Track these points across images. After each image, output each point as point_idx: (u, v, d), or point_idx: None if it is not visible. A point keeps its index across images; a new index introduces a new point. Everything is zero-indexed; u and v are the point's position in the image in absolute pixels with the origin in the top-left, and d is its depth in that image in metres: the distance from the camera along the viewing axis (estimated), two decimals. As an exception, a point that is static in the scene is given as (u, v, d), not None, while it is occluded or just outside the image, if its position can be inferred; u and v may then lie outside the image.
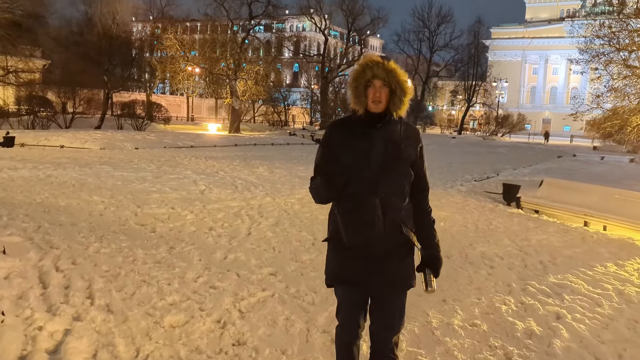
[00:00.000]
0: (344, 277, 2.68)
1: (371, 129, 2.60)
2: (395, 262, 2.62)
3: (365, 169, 2.56)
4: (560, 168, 19.29)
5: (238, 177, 13.29)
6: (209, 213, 8.41)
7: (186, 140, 25.19)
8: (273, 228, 7.59)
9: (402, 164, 2.63)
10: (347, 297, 2.75)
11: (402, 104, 2.60)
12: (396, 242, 2.61)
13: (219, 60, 41.82)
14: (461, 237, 7.86)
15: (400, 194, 2.63)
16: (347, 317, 2.78)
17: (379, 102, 2.56)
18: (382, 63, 2.59)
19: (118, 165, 14.23)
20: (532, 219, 9.84)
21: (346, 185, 2.57)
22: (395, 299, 2.72)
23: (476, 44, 72.05)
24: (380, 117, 2.60)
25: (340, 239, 2.65)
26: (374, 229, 2.54)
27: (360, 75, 2.60)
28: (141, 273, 5.17)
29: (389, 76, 2.56)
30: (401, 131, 2.65)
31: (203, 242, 6.56)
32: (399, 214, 2.61)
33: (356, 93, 2.61)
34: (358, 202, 2.56)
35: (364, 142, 2.59)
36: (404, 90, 2.59)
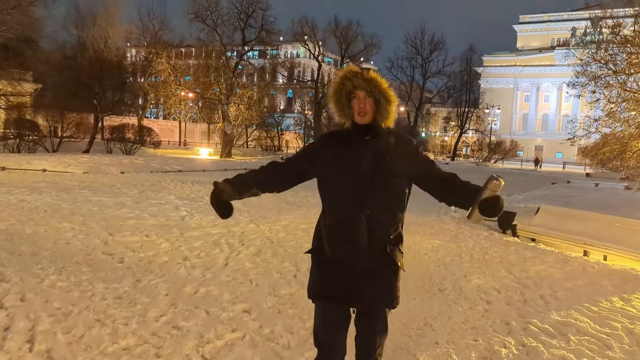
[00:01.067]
0: (324, 293, 2.61)
1: (360, 142, 2.53)
2: (378, 280, 2.55)
3: (352, 183, 2.48)
4: (555, 195, 18.87)
5: (223, 203, 12.73)
6: (186, 241, 7.86)
7: (175, 165, 24.68)
8: (253, 258, 7.04)
9: (393, 179, 2.54)
10: (327, 313, 2.67)
11: (389, 113, 2.53)
12: (380, 261, 2.54)
13: (212, 84, 41.56)
14: (455, 267, 7.34)
15: (389, 211, 2.55)
16: (326, 335, 2.70)
17: (365, 114, 2.49)
18: (361, 73, 2.51)
19: (98, 190, 13.67)
20: (529, 247, 9.34)
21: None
22: (376, 316, 2.67)
23: (468, 71, 72.53)
24: (368, 128, 2.52)
25: (324, 253, 2.55)
26: (357, 245, 2.45)
27: (340, 87, 2.53)
28: (97, 311, 4.60)
29: (371, 86, 2.48)
30: (391, 143, 2.57)
31: (174, 274, 6.00)
32: (387, 233, 2.54)
33: (339, 106, 2.55)
34: (343, 217, 2.47)
35: (352, 156, 2.51)
36: (388, 99, 2.51)
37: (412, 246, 8.71)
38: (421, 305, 5.45)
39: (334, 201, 2.58)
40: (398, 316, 5.01)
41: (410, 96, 68.56)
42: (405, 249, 8.23)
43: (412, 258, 7.78)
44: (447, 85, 69.88)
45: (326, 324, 2.69)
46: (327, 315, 2.67)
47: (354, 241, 2.46)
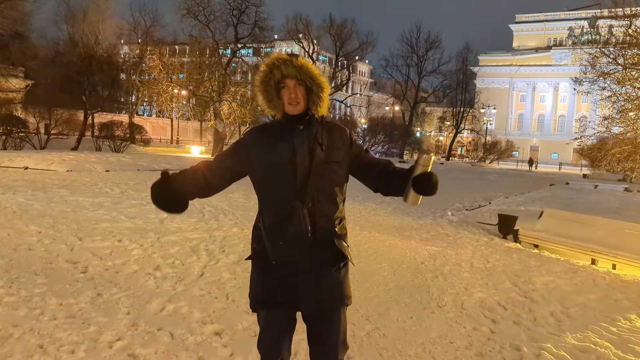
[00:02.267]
0: (270, 299, 2.42)
1: (293, 133, 2.39)
2: (328, 277, 2.41)
3: (289, 177, 2.35)
4: (555, 197, 18.28)
5: (208, 204, 12.08)
6: (161, 247, 7.19)
7: (163, 163, 23.97)
8: (233, 267, 6.38)
9: (331, 168, 2.41)
10: (272, 320, 2.45)
11: (322, 100, 2.41)
12: (328, 256, 2.40)
13: (204, 82, 40.82)
14: (455, 278, 6.70)
15: (331, 201, 2.42)
16: (271, 345, 2.48)
17: (296, 103, 2.36)
18: (291, 60, 2.37)
19: (78, 189, 12.98)
20: (533, 255, 8.72)
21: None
22: (331, 319, 2.48)
23: (464, 70, 72.05)
24: (301, 118, 2.39)
25: (266, 256, 2.37)
26: (302, 242, 2.29)
27: (267, 76, 2.38)
28: (41, 334, 3.95)
29: (301, 73, 2.35)
30: (325, 131, 2.44)
31: (141, 286, 5.34)
32: (331, 225, 2.41)
33: (267, 96, 2.41)
34: (283, 213, 2.30)
35: (286, 147, 2.37)
36: (321, 86, 2.39)
37: (407, 253, 8.08)
38: (418, 325, 4.81)
39: (272, 198, 2.40)
40: (392, 340, 4.38)
41: (405, 95, 67.99)
42: (400, 255, 7.42)
43: (407, 267, 7.16)
44: (442, 84, 69.27)
45: (273, 333, 2.47)
46: (273, 323, 2.46)
47: (298, 239, 2.28)
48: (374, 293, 5.73)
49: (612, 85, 17.22)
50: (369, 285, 6.00)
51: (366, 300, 5.40)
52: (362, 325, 4.66)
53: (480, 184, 27.03)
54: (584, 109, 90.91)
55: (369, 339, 4.37)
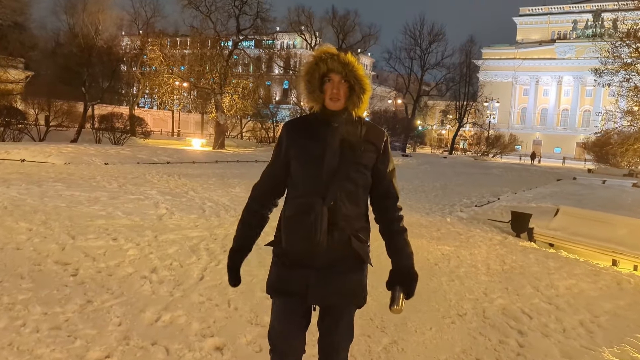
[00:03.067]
0: (282, 288, 2.42)
1: (327, 129, 2.36)
2: (341, 275, 2.38)
3: (315, 173, 2.33)
4: (564, 192, 17.81)
5: (209, 199, 11.65)
6: (159, 246, 6.76)
7: (163, 156, 23.51)
8: (235, 269, 5.95)
9: (359, 170, 2.38)
10: (283, 308, 2.44)
11: (362, 102, 2.38)
12: (344, 255, 2.37)
13: (204, 73, 40.28)
14: (472, 282, 6.27)
15: (354, 202, 2.38)
16: (279, 332, 2.45)
17: (337, 100, 2.34)
18: (338, 55, 2.34)
19: (74, 183, 12.54)
20: (551, 255, 8.28)
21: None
22: (340, 313, 2.49)
23: (468, 63, 71.29)
24: (339, 115, 2.37)
25: (281, 246, 2.39)
26: (315, 239, 2.25)
27: (313, 68, 2.36)
28: (21, 350, 3.52)
29: (347, 70, 2.32)
30: (362, 132, 2.41)
31: (135, 292, 4.90)
32: (351, 226, 2.37)
33: (310, 88, 2.39)
34: (303, 208, 2.29)
35: (318, 143, 2.35)
36: (363, 87, 2.36)
37: (420, 253, 7.65)
38: (439, 338, 4.38)
39: (296, 191, 2.40)
40: (412, 356, 3.95)
41: (408, 88, 67.33)
42: (414, 256, 6.79)
43: (420, 268, 6.67)
44: (446, 77, 68.41)
45: (283, 321, 2.44)
46: (285, 312, 2.44)
47: (311, 234, 2.25)
48: (387, 299, 5.28)
49: (634, 76, 16.66)
50: (382, 290, 5.53)
51: (381, 308, 4.96)
52: (378, 338, 4.23)
53: (485, 178, 26.60)
54: (587, 103, 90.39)
55: (387, 355, 3.94)
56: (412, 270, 2.47)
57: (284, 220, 2.39)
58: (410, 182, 20.35)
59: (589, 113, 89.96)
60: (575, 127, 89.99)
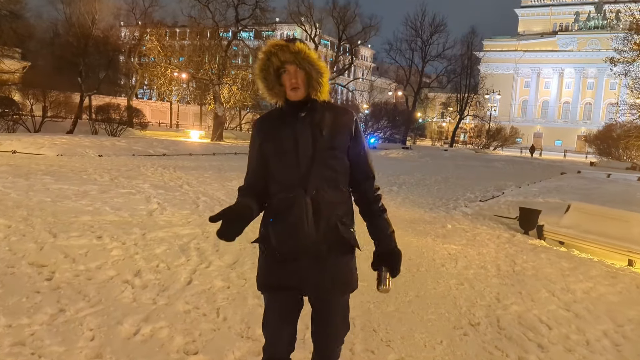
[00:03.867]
0: (274, 283, 2.37)
1: (295, 120, 2.32)
2: (332, 263, 2.34)
3: (292, 165, 2.30)
4: (570, 187, 17.34)
5: (204, 193, 11.19)
6: (146, 246, 6.30)
7: (159, 148, 23.03)
8: (227, 272, 5.49)
9: (335, 155, 2.33)
10: (276, 304, 2.40)
11: (322, 85, 2.32)
12: (332, 242, 2.32)
13: (203, 64, 39.69)
14: (483, 286, 5.81)
15: (334, 188, 2.34)
16: (275, 328, 2.43)
17: (297, 88, 2.29)
18: (287, 46, 2.28)
19: (64, 176, 12.06)
20: (564, 255, 7.82)
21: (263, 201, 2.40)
22: (335, 303, 2.44)
23: (469, 55, 70.63)
24: (303, 104, 2.33)
25: (270, 243, 2.35)
26: (304, 231, 2.25)
27: (267, 64, 2.31)
28: (-26, 373, 3.07)
29: (299, 58, 2.26)
30: (330, 116, 2.35)
31: (114, 299, 4.44)
32: (335, 212, 2.33)
33: (268, 84, 2.35)
34: (287, 203, 2.28)
35: (289, 135, 2.31)
36: (319, 71, 2.30)
37: (425, 253, 7.19)
38: (452, 354, 3.92)
39: (277, 185, 2.35)
40: (423, 377, 3.49)
41: (408, 80, 66.72)
42: (417, 255, 6.41)
43: (426, 270, 6.27)
44: (447, 69, 67.76)
45: (275, 315, 2.43)
46: (276, 305, 2.42)
47: (299, 227, 2.26)
48: (392, 306, 4.84)
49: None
50: (386, 296, 5.12)
51: (384, 318, 4.52)
52: (383, 355, 3.78)
53: (487, 171, 26.14)
54: (589, 95, 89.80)
55: (394, 376, 3.49)
56: (395, 249, 2.44)
57: (270, 217, 2.37)
58: (412, 176, 19.89)
59: (590, 106, 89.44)
60: (577, 120, 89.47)
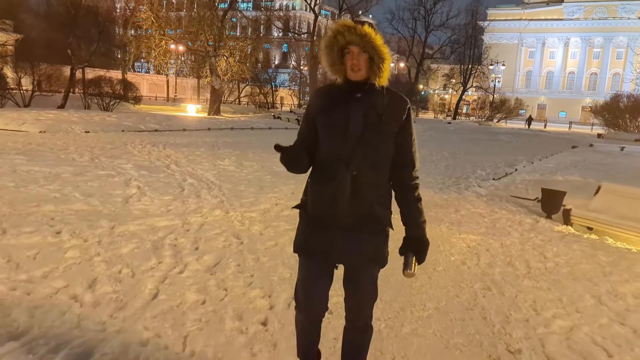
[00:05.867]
0: (309, 247, 2.50)
1: (351, 99, 2.40)
2: (364, 236, 2.44)
3: (340, 141, 2.37)
4: (587, 162, 16.27)
5: (192, 174, 10.17)
6: (111, 243, 5.29)
7: (151, 123, 21.91)
8: (204, 279, 4.50)
9: (382, 138, 2.40)
10: (310, 267, 2.53)
11: (382, 71, 2.35)
12: (365, 219, 2.41)
13: (198, 35, 38.23)
14: (514, 291, 4.82)
15: (376, 170, 2.43)
16: (307, 290, 2.56)
17: (358, 70, 2.33)
18: (355, 27, 2.30)
19: (39, 155, 11.03)
20: (598, 245, 6.81)
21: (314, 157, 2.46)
22: (363, 272, 2.53)
23: (473, 24, 68.71)
24: (361, 85, 2.38)
25: (308, 210, 2.49)
26: (340, 204, 2.36)
27: (332, 41, 2.35)
28: None
29: (365, 41, 2.30)
30: (385, 101, 2.41)
31: (50, 325, 3.43)
32: (374, 193, 2.42)
33: (331, 60, 2.39)
34: (328, 174, 2.39)
35: (342, 113, 2.40)
36: (382, 57, 2.33)
37: (440, 246, 6.20)
38: (493, 403, 2.94)
39: (322, 158, 2.43)
40: None
41: (411, 51, 65.00)
42: (433, 250, 5.53)
43: (444, 270, 5.28)
44: (450, 39, 65.92)
45: (308, 279, 2.54)
46: (309, 270, 2.53)
47: (336, 201, 2.36)
48: (408, 326, 3.85)
49: None
50: (399, 310, 4.13)
51: (400, 343, 3.54)
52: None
53: (494, 145, 25.07)
54: (594, 65, 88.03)
55: None
56: (424, 238, 2.48)
57: (310, 185, 2.48)
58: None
59: (596, 76, 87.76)
60: (582, 91, 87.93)
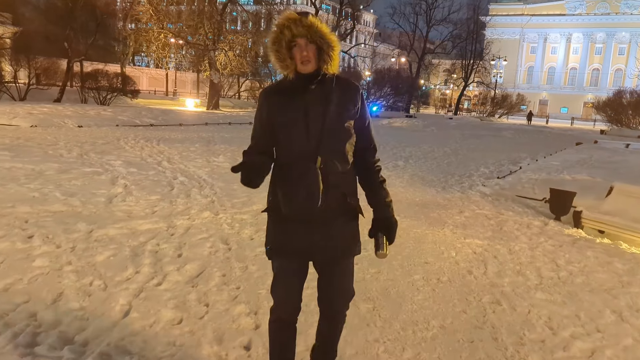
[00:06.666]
0: (284, 248, 2.46)
1: (305, 92, 2.37)
2: (338, 229, 2.44)
3: (302, 137, 2.34)
4: (593, 159, 15.80)
5: (184, 172, 9.74)
6: (86, 250, 4.86)
7: (147, 118, 21.47)
8: (184, 292, 4.06)
9: (343, 127, 2.40)
10: (285, 268, 2.50)
11: (332, 59, 2.35)
12: (339, 210, 2.42)
13: (197, 28, 37.70)
14: (526, 305, 4.38)
15: (342, 159, 2.42)
16: (284, 290, 2.54)
17: (308, 62, 2.31)
18: (300, 19, 2.30)
19: (26, 151, 10.59)
20: (613, 252, 6.36)
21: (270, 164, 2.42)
22: (341, 267, 2.54)
23: (475, 19, 68.10)
24: (313, 77, 2.36)
25: (279, 210, 2.40)
26: (314, 199, 2.29)
27: (279, 37, 2.33)
28: None
29: (311, 32, 2.29)
30: (338, 89, 2.41)
31: (0, 349, 3.02)
32: (342, 182, 2.43)
33: (279, 57, 2.35)
34: (296, 171, 2.32)
35: (299, 107, 2.36)
36: (331, 45, 2.34)
37: (444, 252, 5.76)
38: None
39: (285, 157, 2.40)
40: None
41: (412, 45, 64.41)
42: (434, 257, 6.05)
43: (449, 281, 4.84)
44: (452, 33, 65.33)
45: (283, 279, 2.52)
46: (285, 270, 2.51)
47: (310, 196, 2.28)
48: (410, 350, 3.41)
49: None
50: (400, 329, 3.70)
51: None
52: None
53: (497, 142, 24.60)
54: (596, 61, 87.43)
55: None
56: (392, 218, 2.50)
57: (279, 185, 2.39)
58: (419, 148, 18.36)
59: (598, 72, 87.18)
60: (584, 87, 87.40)
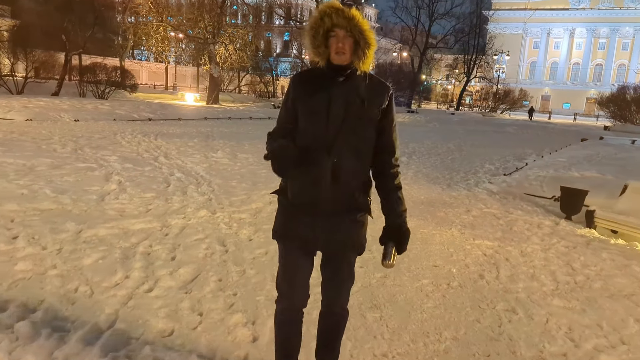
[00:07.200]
0: (290, 234, 2.44)
1: (333, 83, 2.32)
2: (345, 224, 2.39)
3: (321, 127, 2.29)
4: (600, 156, 15.48)
5: (181, 167, 9.43)
6: (74, 252, 4.55)
7: (145, 112, 21.16)
8: (177, 299, 3.76)
9: (364, 125, 2.33)
10: (291, 253, 2.47)
11: (367, 56, 2.28)
12: (345, 206, 2.37)
13: (197, 21, 37.31)
14: (543, 313, 4.08)
15: (358, 157, 2.35)
16: (290, 278, 2.49)
17: (342, 53, 2.25)
18: (343, 10, 2.23)
19: (19, 146, 10.28)
20: (630, 254, 6.05)
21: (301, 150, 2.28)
22: (341, 259, 2.49)
23: (478, 13, 67.52)
24: (344, 69, 2.30)
25: (287, 195, 2.42)
26: (319, 192, 2.30)
27: (318, 24, 2.27)
28: None
29: (351, 25, 2.23)
30: (367, 87, 2.34)
31: (-29, 369, 2.73)
32: (354, 179, 2.36)
33: (315, 43, 2.30)
34: (310, 159, 2.29)
35: (323, 97, 2.31)
36: (368, 42, 2.27)
37: (453, 254, 5.46)
38: None
39: (304, 142, 2.29)
40: None
41: (414, 40, 63.91)
42: (443, 259, 5.59)
43: (459, 286, 4.53)
44: (455, 28, 64.81)
45: (289, 266, 2.48)
46: (290, 257, 2.48)
47: (317, 188, 2.30)
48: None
49: None
50: (410, 342, 3.40)
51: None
52: None
53: (501, 137, 24.31)
54: (599, 56, 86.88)
55: None
56: (404, 227, 2.41)
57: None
58: (422, 143, 18.04)
59: (601, 67, 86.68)
60: (586, 82, 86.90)
